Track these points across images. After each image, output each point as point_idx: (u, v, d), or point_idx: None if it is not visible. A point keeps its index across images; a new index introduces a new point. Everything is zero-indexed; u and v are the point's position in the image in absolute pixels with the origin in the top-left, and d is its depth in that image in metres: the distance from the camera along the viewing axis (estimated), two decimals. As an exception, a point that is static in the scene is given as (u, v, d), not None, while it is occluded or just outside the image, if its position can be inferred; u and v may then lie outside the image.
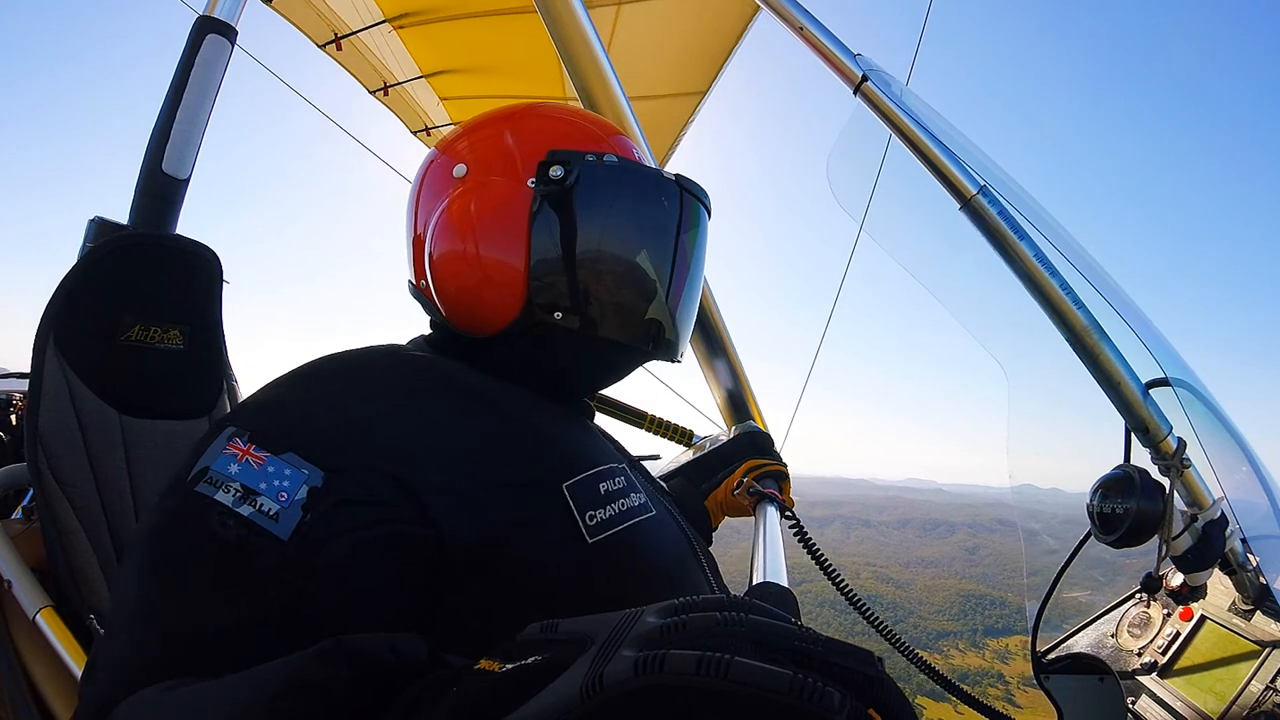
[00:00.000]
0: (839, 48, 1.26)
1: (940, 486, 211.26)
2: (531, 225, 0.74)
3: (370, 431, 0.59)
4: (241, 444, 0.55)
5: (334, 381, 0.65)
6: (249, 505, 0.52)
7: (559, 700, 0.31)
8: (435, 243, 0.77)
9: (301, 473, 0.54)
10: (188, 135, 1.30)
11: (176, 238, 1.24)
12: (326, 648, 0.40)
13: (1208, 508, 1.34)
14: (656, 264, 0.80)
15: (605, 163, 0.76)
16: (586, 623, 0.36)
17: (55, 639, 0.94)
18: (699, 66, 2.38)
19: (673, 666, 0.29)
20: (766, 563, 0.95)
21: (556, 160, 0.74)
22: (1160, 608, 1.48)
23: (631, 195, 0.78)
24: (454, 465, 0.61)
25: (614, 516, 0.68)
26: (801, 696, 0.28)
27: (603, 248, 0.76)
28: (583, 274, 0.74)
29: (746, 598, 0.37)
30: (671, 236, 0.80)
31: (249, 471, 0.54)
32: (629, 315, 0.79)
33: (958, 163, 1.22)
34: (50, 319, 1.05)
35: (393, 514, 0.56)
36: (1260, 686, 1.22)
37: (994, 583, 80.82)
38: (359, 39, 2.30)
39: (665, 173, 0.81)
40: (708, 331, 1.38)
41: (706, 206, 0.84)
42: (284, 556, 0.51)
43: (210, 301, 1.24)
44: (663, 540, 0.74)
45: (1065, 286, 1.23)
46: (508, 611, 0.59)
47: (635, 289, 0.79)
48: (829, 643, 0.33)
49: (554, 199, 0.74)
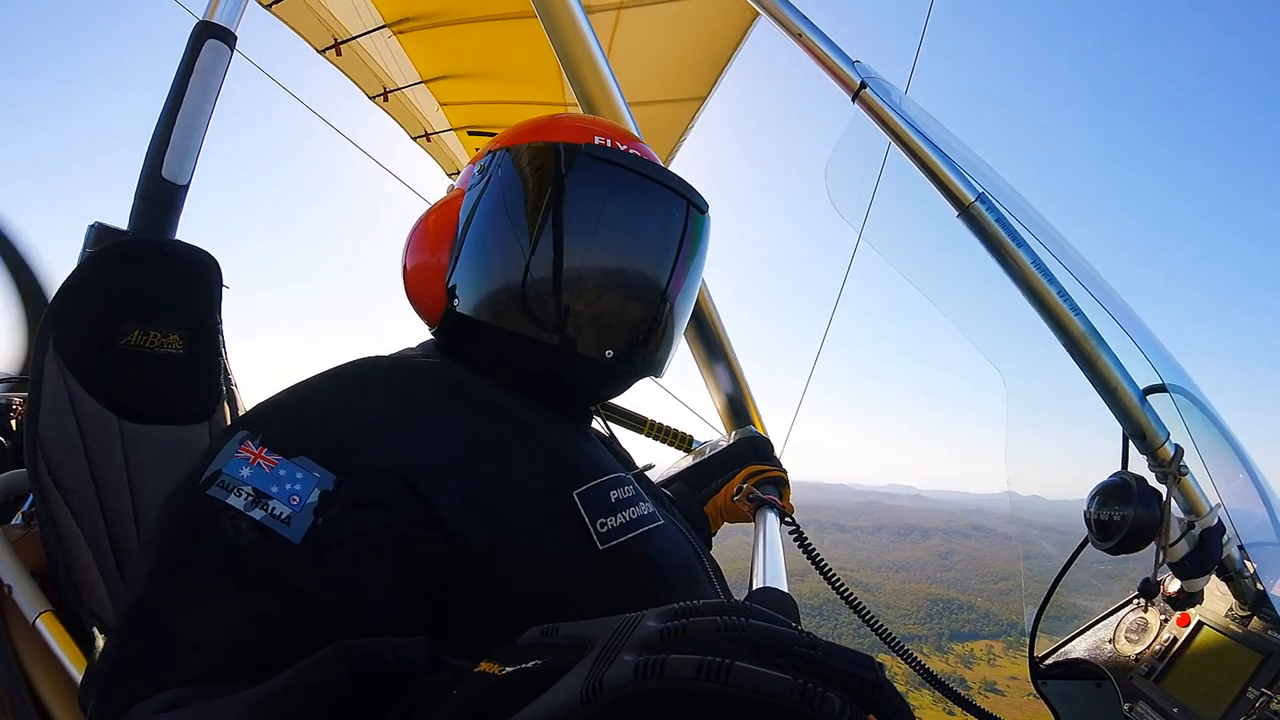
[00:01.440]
0: (837, 54, 1.26)
1: (919, 492, 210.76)
2: (460, 222, 0.77)
3: (382, 435, 0.60)
4: (254, 447, 0.56)
5: (345, 387, 0.66)
6: (261, 509, 0.52)
7: (559, 704, 0.31)
8: (408, 251, 0.81)
9: (313, 476, 0.54)
10: (187, 141, 1.30)
11: (176, 243, 1.24)
12: (329, 651, 0.41)
13: (1205, 515, 1.34)
14: (559, 244, 0.73)
15: (531, 148, 0.74)
16: (587, 627, 0.37)
17: (55, 644, 0.94)
18: (699, 72, 2.38)
19: (673, 671, 0.30)
20: (766, 568, 0.95)
21: (491, 155, 0.77)
22: (1158, 613, 1.48)
23: (536, 175, 0.74)
24: (464, 469, 0.61)
25: (624, 524, 0.68)
26: (801, 701, 0.28)
27: (507, 236, 0.74)
28: (486, 266, 0.75)
29: (747, 603, 0.37)
30: (586, 216, 0.74)
31: (261, 475, 0.54)
32: (510, 305, 0.73)
33: (956, 170, 1.22)
34: (50, 324, 1.05)
35: (404, 517, 0.56)
36: (1257, 693, 1.22)
37: (964, 587, 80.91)
38: (359, 44, 2.30)
39: (584, 148, 0.74)
40: (707, 336, 1.38)
41: (634, 171, 0.75)
42: (296, 560, 0.51)
43: (210, 306, 1.24)
44: (670, 548, 0.75)
45: (1063, 293, 1.23)
46: (517, 616, 0.58)
47: (533, 281, 0.72)
48: (829, 647, 0.33)
49: (480, 191, 0.76)
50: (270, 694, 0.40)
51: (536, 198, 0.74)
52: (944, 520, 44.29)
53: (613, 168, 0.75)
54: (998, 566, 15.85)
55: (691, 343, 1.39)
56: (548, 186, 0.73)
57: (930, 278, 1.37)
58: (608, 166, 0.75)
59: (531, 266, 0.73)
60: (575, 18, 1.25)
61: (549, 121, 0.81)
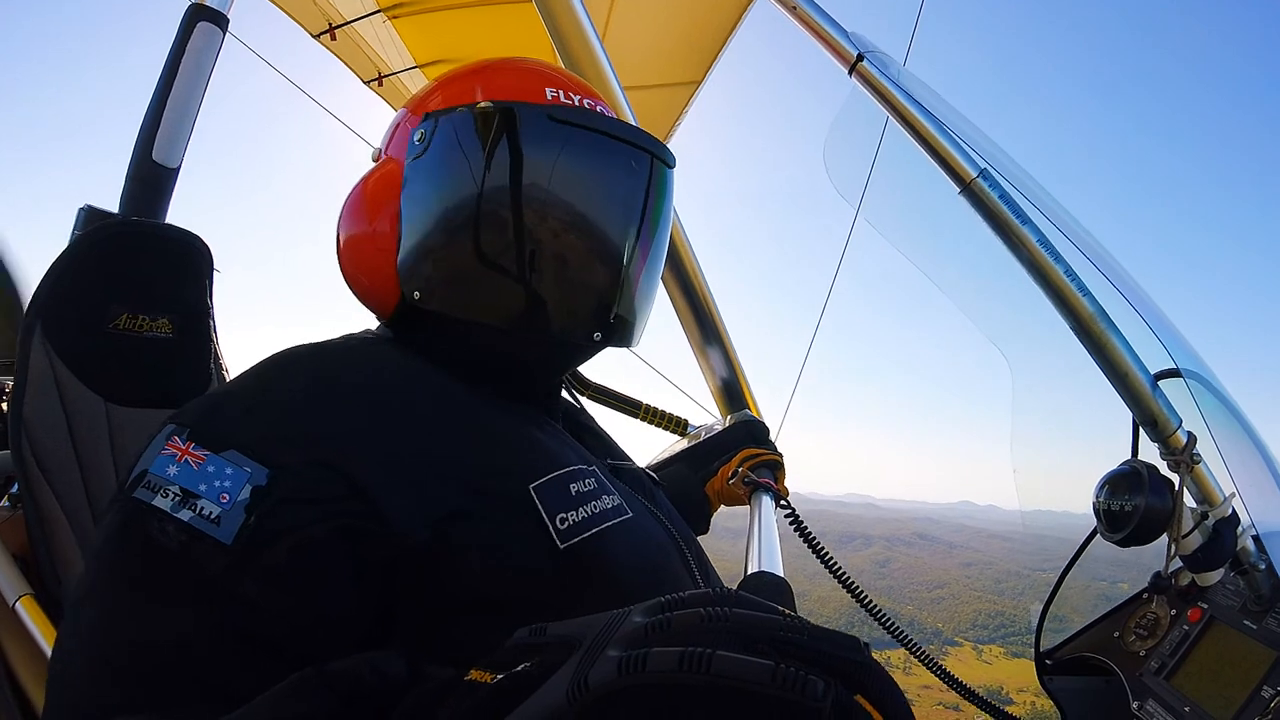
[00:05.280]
0: (833, 26, 1.23)
1: (874, 501, 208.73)
2: (402, 200, 0.69)
3: (317, 426, 0.56)
4: (181, 442, 0.52)
5: (281, 375, 0.62)
6: (188, 509, 0.49)
7: (546, 705, 0.32)
8: (340, 230, 0.74)
9: (244, 471, 0.51)
10: (178, 124, 1.31)
11: (166, 226, 1.24)
12: (305, 677, 0.39)
13: (1219, 505, 1.30)
14: (520, 221, 0.66)
15: (479, 110, 0.65)
16: (574, 625, 0.36)
17: (34, 627, 0.94)
18: (694, 55, 2.36)
19: (655, 665, 0.30)
20: (761, 552, 0.94)
21: (427, 119, 0.69)
22: (1168, 608, 1.43)
23: (494, 144, 0.65)
24: (407, 461, 0.58)
25: (586, 519, 0.64)
26: (784, 686, 0.28)
27: (456, 214, 0.66)
28: (434, 247, 0.68)
29: (732, 591, 0.37)
30: (555, 188, 0.66)
31: (188, 472, 0.50)
32: (473, 288, 0.67)
33: (957, 144, 1.19)
34: (37, 306, 1.05)
35: (342, 509, 0.53)
36: (1272, 692, 1.17)
37: (895, 595, 79.33)
38: (353, 29, 2.30)
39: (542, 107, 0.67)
40: (702, 320, 1.36)
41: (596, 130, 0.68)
42: (229, 562, 0.48)
43: (200, 290, 1.24)
44: (639, 541, 0.70)
45: (1070, 273, 1.19)
46: (474, 616, 0.56)
47: (486, 259, 0.66)
48: (815, 631, 0.33)
49: (419, 165, 0.68)
50: None
51: (493, 169, 0.65)
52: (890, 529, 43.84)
53: (579, 131, 0.67)
54: (934, 575, 15.76)
55: (686, 326, 1.37)
56: (502, 156, 0.65)
57: (932, 257, 1.33)
58: (573, 130, 0.67)
59: (492, 247, 0.66)
60: (570, 2, 1.23)
61: (486, 70, 0.74)
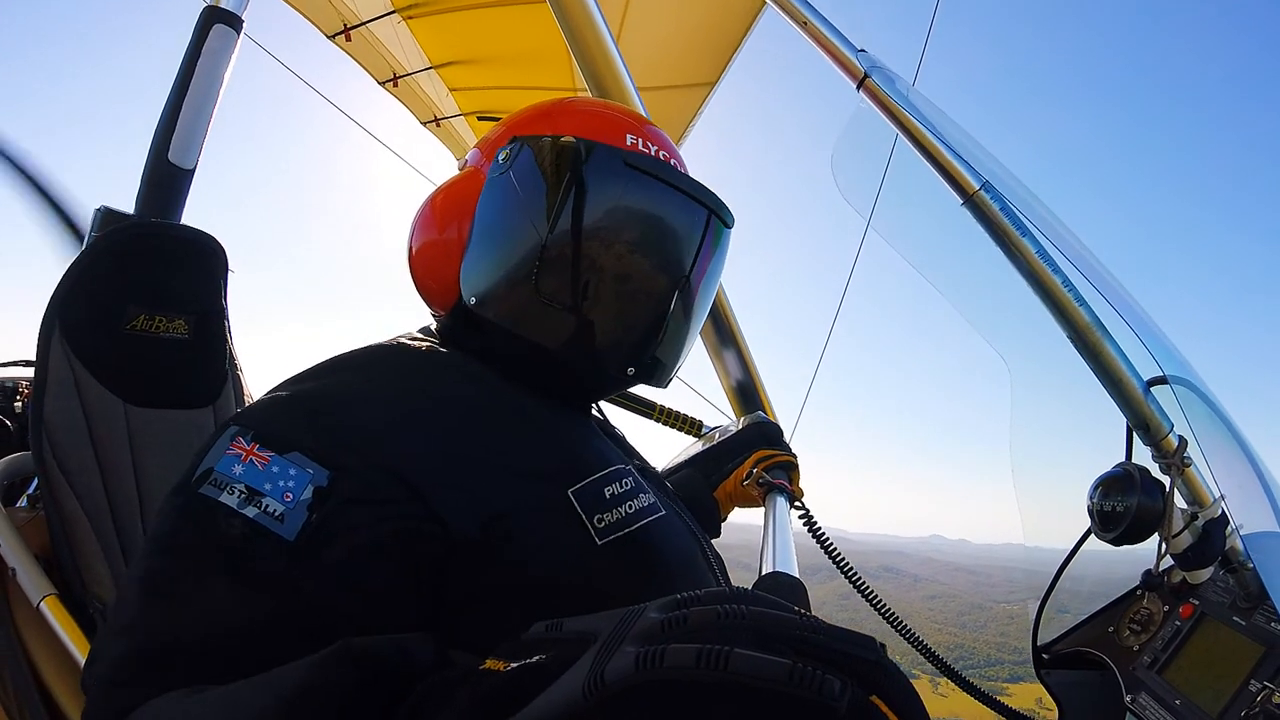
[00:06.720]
0: (843, 43, 1.26)
1: (846, 534, 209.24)
2: (477, 210, 0.73)
3: (376, 429, 0.59)
4: (245, 443, 0.55)
5: (339, 379, 0.65)
6: (254, 506, 0.52)
7: (563, 698, 0.32)
8: (415, 231, 0.79)
9: (306, 472, 0.54)
10: (194, 126, 1.30)
11: (182, 227, 1.24)
12: (335, 651, 0.41)
13: (1208, 506, 1.34)
14: (581, 251, 0.69)
15: (561, 144, 0.69)
16: (591, 620, 0.37)
17: (59, 626, 0.94)
18: (708, 57, 2.37)
19: (673, 661, 0.30)
20: (776, 553, 0.95)
21: (514, 142, 0.73)
22: (1160, 604, 1.48)
23: (571, 177, 0.69)
24: (460, 462, 0.61)
25: (622, 519, 0.67)
26: (801, 684, 0.28)
27: (523, 233, 0.70)
28: (498, 260, 0.72)
29: (749, 589, 0.37)
30: (617, 226, 0.70)
31: (253, 472, 0.53)
32: (525, 304, 0.71)
33: (960, 159, 1.22)
34: (56, 307, 1.05)
35: (398, 511, 0.56)
36: (1259, 685, 1.21)
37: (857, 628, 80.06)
38: (368, 30, 2.30)
39: (628, 155, 0.71)
40: (717, 322, 1.38)
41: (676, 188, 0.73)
42: (290, 558, 0.51)
43: (215, 291, 1.24)
44: (672, 539, 0.74)
45: (1067, 283, 1.24)
46: (519, 610, 0.58)
47: (543, 281, 0.69)
48: (831, 630, 0.33)
49: (498, 182, 0.73)
50: (282, 698, 0.40)
51: (565, 199, 0.69)
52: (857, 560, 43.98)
53: (649, 180, 0.72)
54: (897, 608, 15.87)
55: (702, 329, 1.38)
56: (575, 189, 0.69)
57: (935, 266, 1.37)
58: (643, 178, 0.72)
59: (551, 271, 0.69)
60: (585, 2, 1.25)
61: (570, 109, 0.79)
